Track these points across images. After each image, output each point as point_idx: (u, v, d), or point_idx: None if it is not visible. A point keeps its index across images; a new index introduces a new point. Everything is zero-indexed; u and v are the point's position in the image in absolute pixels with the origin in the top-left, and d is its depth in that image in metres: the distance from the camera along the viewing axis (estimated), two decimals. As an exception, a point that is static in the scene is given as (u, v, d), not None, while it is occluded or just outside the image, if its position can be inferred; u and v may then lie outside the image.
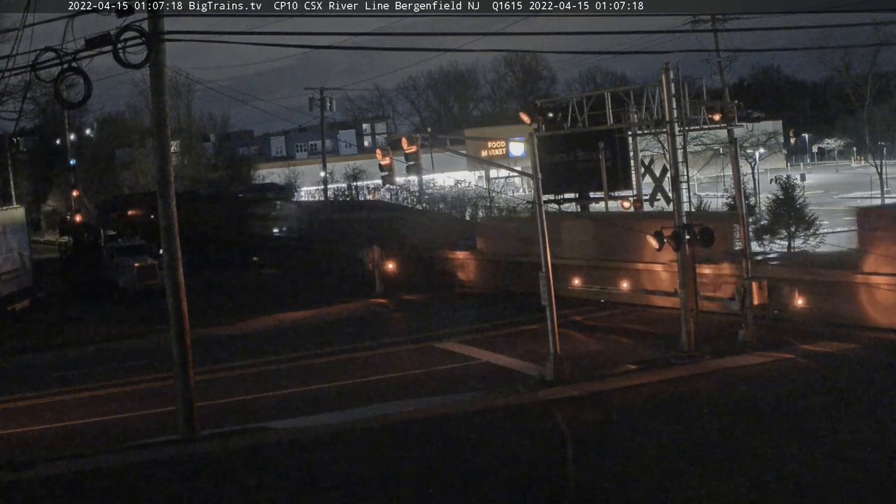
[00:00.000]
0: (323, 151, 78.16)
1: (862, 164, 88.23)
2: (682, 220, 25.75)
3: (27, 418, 24.73)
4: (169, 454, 20.20)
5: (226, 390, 25.79)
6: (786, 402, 21.00)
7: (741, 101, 30.02)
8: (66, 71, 18.41)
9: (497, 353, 28.01)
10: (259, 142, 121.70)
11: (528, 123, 27.95)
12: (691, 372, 23.87)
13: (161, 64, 20.46)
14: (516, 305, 35.01)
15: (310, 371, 27.88)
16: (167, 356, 22.34)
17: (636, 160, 31.04)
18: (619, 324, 31.36)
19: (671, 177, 26.41)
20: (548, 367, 24.10)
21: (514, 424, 20.86)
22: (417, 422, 21.50)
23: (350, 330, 34.44)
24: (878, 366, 23.37)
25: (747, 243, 27.60)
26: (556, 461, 17.97)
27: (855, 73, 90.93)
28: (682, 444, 18.39)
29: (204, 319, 34.52)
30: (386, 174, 25.82)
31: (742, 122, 28.55)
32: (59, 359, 33.03)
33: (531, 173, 25.23)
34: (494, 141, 75.45)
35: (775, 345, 25.61)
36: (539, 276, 24.48)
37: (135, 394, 26.47)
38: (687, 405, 21.49)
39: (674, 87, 26.03)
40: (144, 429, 22.53)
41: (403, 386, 25.11)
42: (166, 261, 21.22)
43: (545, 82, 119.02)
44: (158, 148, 21.29)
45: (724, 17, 49.16)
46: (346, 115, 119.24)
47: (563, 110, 28.81)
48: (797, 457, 16.99)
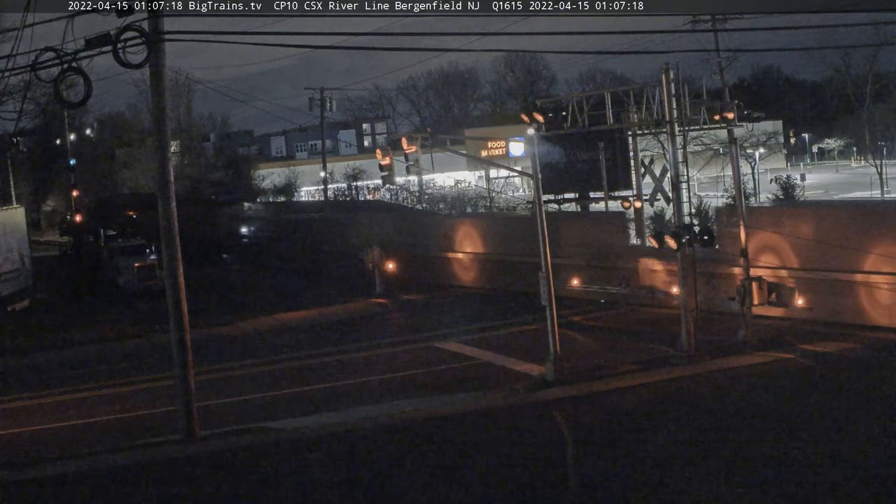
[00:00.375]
0: (323, 151, 78.14)
1: (862, 164, 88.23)
2: (683, 221, 25.76)
3: (27, 418, 24.73)
4: (169, 454, 20.20)
5: (226, 390, 25.80)
6: (786, 402, 21.01)
7: (741, 101, 30.04)
8: (66, 71, 18.43)
9: (497, 353, 28.01)
10: (259, 142, 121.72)
11: (528, 123, 27.94)
12: (691, 372, 23.88)
13: (161, 64, 20.45)
14: (516, 305, 35.01)
15: (310, 371, 27.88)
16: (167, 356, 22.35)
17: (636, 160, 31.00)
18: (618, 324, 31.36)
19: (671, 177, 26.42)
20: (548, 367, 24.10)
21: (514, 424, 20.87)
22: (417, 422, 21.50)
23: (350, 330, 34.44)
24: (878, 365, 23.38)
25: (747, 243, 27.57)
26: (556, 461, 17.99)
27: (855, 73, 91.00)
28: (682, 445, 18.41)
29: (204, 319, 34.55)
30: (386, 174, 25.79)
31: (742, 122, 28.53)
32: (59, 359, 33.03)
33: (531, 173, 25.23)
34: (494, 141, 75.37)
35: (775, 344, 25.62)
36: (539, 276, 24.48)
37: (135, 394, 26.47)
38: (687, 405, 21.51)
39: (674, 87, 26.02)
40: (144, 429, 22.53)
41: (403, 386, 25.11)
42: (166, 261, 21.22)
43: (545, 82, 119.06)
44: (158, 148, 21.28)
45: (724, 17, 49.09)
46: (346, 115, 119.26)
47: (563, 110, 28.81)
48: (797, 457, 17.01)
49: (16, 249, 45.67)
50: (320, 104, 69.52)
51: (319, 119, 71.53)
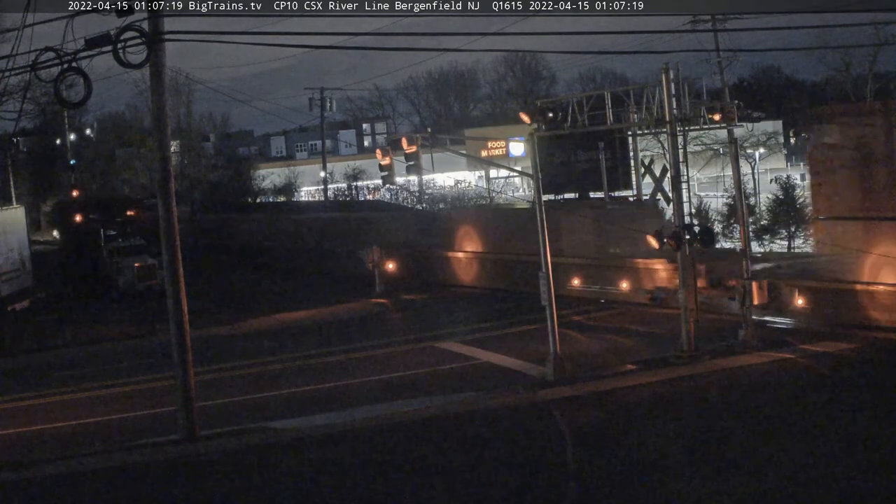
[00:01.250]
0: (323, 151, 78.22)
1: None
2: (683, 220, 25.76)
3: (27, 418, 24.73)
4: (169, 454, 20.20)
5: (226, 390, 25.79)
6: (786, 401, 21.01)
7: (741, 101, 30.05)
8: (66, 71, 18.42)
9: (497, 353, 28.01)
10: (259, 142, 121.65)
11: (528, 123, 27.95)
12: (691, 372, 23.87)
13: (161, 64, 20.44)
14: (516, 305, 35.00)
15: (310, 371, 27.87)
16: (167, 356, 22.34)
17: (636, 160, 31.09)
18: (618, 324, 31.36)
19: (671, 177, 26.39)
20: (548, 367, 24.10)
21: (514, 424, 20.86)
22: (418, 422, 21.50)
23: (350, 330, 34.43)
24: (877, 365, 23.38)
25: (747, 243, 27.59)
26: (556, 461, 17.98)
27: (855, 73, 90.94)
28: (682, 444, 18.41)
29: (204, 319, 34.54)
30: (386, 174, 25.82)
31: (742, 122, 28.55)
32: (59, 359, 33.02)
33: (531, 173, 25.23)
34: (494, 141, 75.38)
35: (775, 344, 25.62)
36: (539, 276, 24.48)
37: (135, 394, 26.46)
38: (687, 405, 21.51)
39: (674, 87, 26.01)
40: (144, 429, 22.53)
41: (403, 386, 25.11)
42: (166, 261, 21.20)
43: (545, 82, 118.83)
44: (158, 148, 21.27)
45: (724, 17, 49.12)
46: (346, 115, 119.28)
47: (563, 110, 28.80)
48: (797, 457, 17.00)
49: (16, 249, 45.66)
50: (320, 104, 69.65)
51: (319, 119, 71.63)
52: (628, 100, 28.47)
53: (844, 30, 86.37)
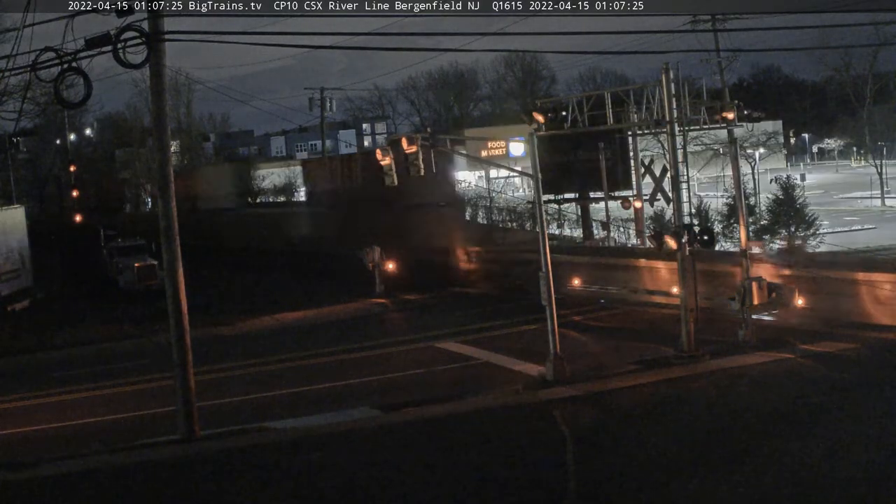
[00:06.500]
0: (323, 151, 78.29)
1: (862, 164, 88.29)
2: (683, 220, 25.76)
3: (27, 418, 24.72)
4: (169, 454, 20.18)
5: (226, 390, 25.78)
6: (785, 401, 20.98)
7: (741, 101, 30.09)
8: (66, 71, 18.43)
9: (497, 353, 28.00)
10: (259, 142, 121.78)
11: (528, 123, 27.97)
12: (691, 372, 23.86)
13: (161, 64, 20.43)
14: (516, 305, 35.00)
15: (310, 371, 27.86)
16: (167, 356, 22.34)
17: (636, 160, 31.10)
18: (618, 324, 31.35)
19: (671, 177, 26.39)
20: (548, 367, 24.09)
21: (514, 424, 20.85)
22: (417, 422, 21.49)
23: (350, 330, 34.42)
24: (878, 365, 23.36)
25: (747, 243, 27.59)
26: (556, 461, 17.97)
27: (855, 73, 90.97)
28: (682, 444, 18.39)
29: (204, 319, 34.53)
30: (386, 174, 25.81)
31: (742, 122, 28.58)
32: (59, 359, 33.02)
33: (531, 173, 25.23)
34: (494, 141, 75.31)
35: (775, 344, 25.60)
36: (539, 276, 24.48)
37: (135, 394, 26.46)
38: (687, 405, 21.49)
39: (674, 87, 26.02)
40: (144, 429, 22.52)
41: (403, 386, 25.11)
42: (166, 261, 21.20)
43: (545, 82, 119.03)
44: (158, 148, 21.27)
45: (724, 17, 49.18)
46: (346, 115, 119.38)
47: (563, 110, 28.82)
48: (797, 457, 16.99)
49: (16, 249, 45.67)
50: (320, 104, 69.66)
51: (319, 119, 71.62)
52: (628, 100, 28.50)
53: (844, 30, 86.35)
